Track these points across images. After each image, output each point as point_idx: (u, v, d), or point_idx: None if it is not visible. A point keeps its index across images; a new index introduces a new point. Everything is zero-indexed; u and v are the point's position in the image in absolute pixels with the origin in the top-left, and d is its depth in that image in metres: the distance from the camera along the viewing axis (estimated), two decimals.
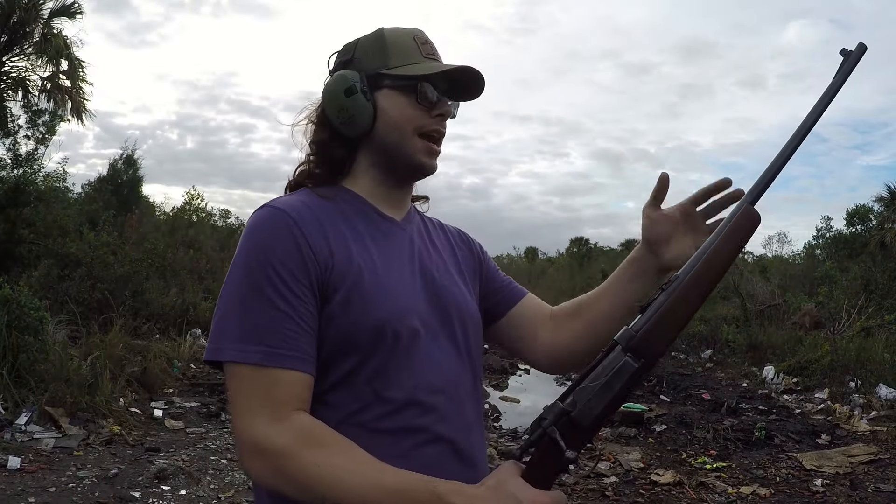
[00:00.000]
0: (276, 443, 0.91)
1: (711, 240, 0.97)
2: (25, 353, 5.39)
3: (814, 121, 0.98)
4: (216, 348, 0.98)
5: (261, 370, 0.94)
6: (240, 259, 0.99)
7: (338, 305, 0.99)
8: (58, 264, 9.27)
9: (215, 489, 4.36)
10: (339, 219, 1.07)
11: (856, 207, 17.64)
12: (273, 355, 0.94)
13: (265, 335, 0.95)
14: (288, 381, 0.95)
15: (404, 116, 1.08)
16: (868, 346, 9.07)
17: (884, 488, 4.92)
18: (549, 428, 0.90)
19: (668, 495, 4.72)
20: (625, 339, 0.92)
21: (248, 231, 1.02)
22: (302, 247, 0.99)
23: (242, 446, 0.94)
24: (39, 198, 10.98)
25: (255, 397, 0.94)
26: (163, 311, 9.16)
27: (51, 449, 4.70)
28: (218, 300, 1.01)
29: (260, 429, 0.92)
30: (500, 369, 10.04)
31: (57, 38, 11.11)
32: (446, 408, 1.04)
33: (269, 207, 1.03)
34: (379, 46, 1.10)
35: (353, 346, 0.99)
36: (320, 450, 0.91)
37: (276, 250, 0.98)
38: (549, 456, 0.91)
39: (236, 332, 0.96)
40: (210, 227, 17.73)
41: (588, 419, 0.89)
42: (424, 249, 1.16)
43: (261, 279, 0.96)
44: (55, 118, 11.63)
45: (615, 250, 33.07)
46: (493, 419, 6.98)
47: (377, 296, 1.01)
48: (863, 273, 13.16)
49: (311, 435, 0.93)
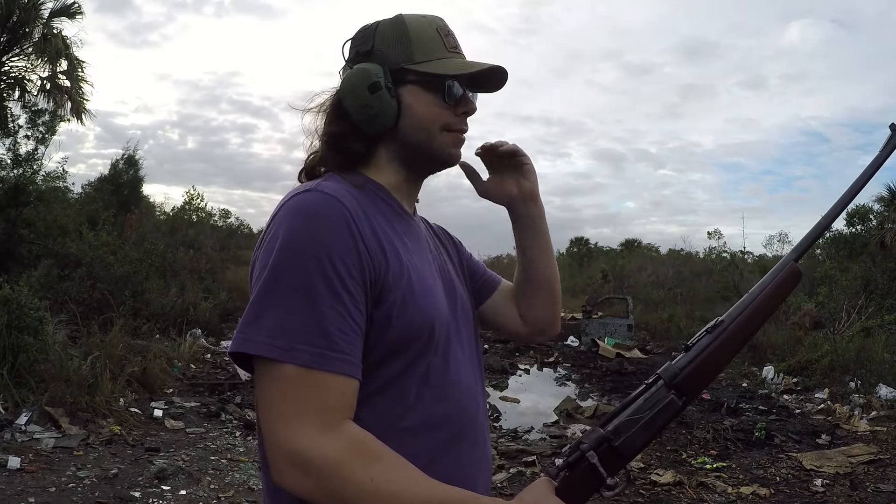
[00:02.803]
0: (328, 454, 0.85)
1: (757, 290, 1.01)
2: (25, 353, 5.40)
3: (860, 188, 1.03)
4: (249, 340, 0.88)
5: (308, 372, 0.87)
6: (288, 245, 0.90)
7: (394, 307, 0.94)
8: (58, 264, 9.28)
9: (215, 489, 4.36)
10: (378, 213, 1.01)
11: (856, 207, 17.63)
12: (323, 357, 0.87)
13: (315, 335, 0.87)
14: (338, 386, 0.88)
15: (432, 114, 1.04)
16: (868, 346, 9.07)
17: (884, 488, 4.91)
18: (588, 453, 0.93)
19: (668, 495, 4.72)
20: (669, 377, 0.96)
21: (299, 215, 0.92)
22: (357, 242, 0.92)
23: (281, 456, 0.86)
24: (39, 198, 10.99)
25: (301, 402, 0.86)
26: (163, 311, 9.16)
27: (51, 449, 4.70)
28: (254, 285, 0.92)
29: (307, 438, 0.85)
30: (500, 369, 10.04)
31: (56, 38, 11.10)
32: (466, 402, 1.06)
33: (319, 193, 0.95)
34: (401, 37, 1.04)
35: (406, 348, 0.96)
36: (375, 463, 0.87)
37: (334, 242, 0.91)
38: (586, 479, 0.94)
39: (279, 326, 0.88)
40: (210, 227, 17.77)
41: (631, 451, 0.94)
42: (434, 246, 1.15)
43: (313, 271, 0.89)
44: (55, 118, 11.63)
45: (615, 250, 33.10)
46: (493, 419, 6.97)
47: (424, 296, 0.99)
48: (863, 273, 13.17)
49: (365, 447, 0.88)
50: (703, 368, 0.95)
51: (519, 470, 5.15)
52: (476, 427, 1.06)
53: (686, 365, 0.96)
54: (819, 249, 19.46)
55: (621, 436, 0.93)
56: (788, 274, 1.01)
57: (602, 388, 9.06)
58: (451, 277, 1.14)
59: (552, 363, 11.14)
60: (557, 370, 10.70)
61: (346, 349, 0.89)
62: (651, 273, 22.18)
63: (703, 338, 0.98)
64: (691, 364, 0.96)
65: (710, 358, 0.96)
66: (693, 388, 0.95)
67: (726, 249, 23.08)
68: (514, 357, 11.36)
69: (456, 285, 1.14)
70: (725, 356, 0.97)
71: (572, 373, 10.36)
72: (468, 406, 1.05)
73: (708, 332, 0.98)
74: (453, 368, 1.03)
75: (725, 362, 0.98)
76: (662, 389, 0.95)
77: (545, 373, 10.56)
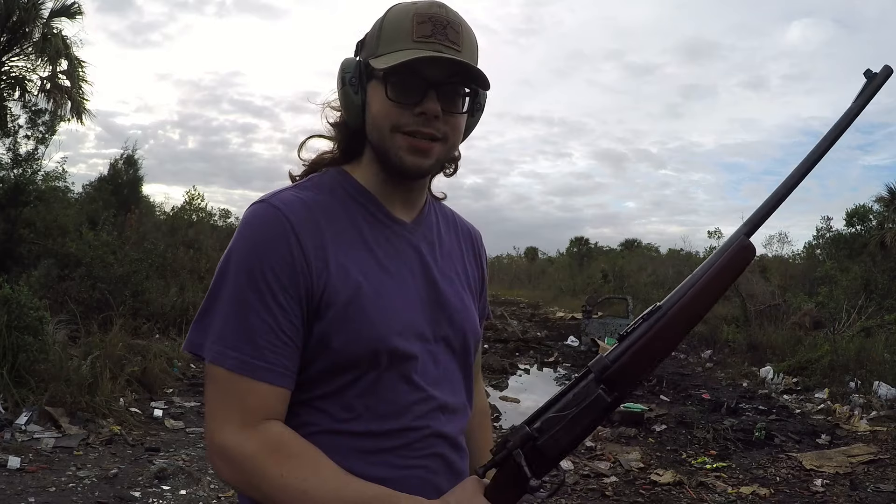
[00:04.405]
0: (243, 450, 0.91)
1: (701, 271, 0.89)
2: (25, 353, 5.39)
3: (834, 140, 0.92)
4: (198, 343, 0.96)
5: (234, 376, 0.92)
6: (231, 255, 0.95)
7: (331, 324, 0.94)
8: (58, 264, 9.28)
9: (215, 489, 4.36)
10: (343, 218, 1.00)
11: (855, 208, 17.65)
12: (247, 365, 0.92)
13: (243, 342, 0.92)
14: (260, 392, 0.93)
15: (381, 113, 0.98)
16: (868, 346, 9.07)
17: (884, 488, 4.91)
18: (514, 451, 0.89)
19: (668, 495, 4.72)
20: (599, 370, 0.87)
21: (242, 227, 0.96)
22: (295, 255, 0.93)
23: (211, 447, 0.94)
24: (39, 198, 10.99)
25: (227, 402, 0.93)
26: (163, 311, 9.15)
27: (51, 449, 4.70)
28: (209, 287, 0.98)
29: (228, 434, 0.92)
30: (501, 369, 10.04)
31: (56, 38, 11.10)
32: (437, 421, 1.02)
33: (265, 204, 0.97)
34: (377, 28, 1.00)
35: (346, 366, 0.96)
36: (286, 460, 0.90)
37: (268, 255, 0.93)
38: (512, 478, 0.89)
39: (217, 330, 0.94)
40: (210, 227, 17.76)
41: (554, 451, 0.88)
42: (432, 256, 1.08)
43: (246, 283, 0.93)
44: (55, 118, 11.63)
45: (615, 250, 33.13)
46: (493, 419, 6.97)
47: (374, 314, 0.96)
48: (863, 273, 13.17)
49: (279, 444, 0.92)
50: (637, 360, 0.86)
51: None
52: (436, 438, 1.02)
53: (618, 357, 0.87)
54: (819, 249, 19.47)
55: (544, 434, 0.87)
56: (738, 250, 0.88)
57: None
58: (447, 290, 1.07)
59: (552, 363, 11.14)
60: (557, 370, 10.70)
61: (271, 359, 0.93)
62: (651, 273, 22.19)
63: (639, 326, 0.88)
64: (624, 355, 0.86)
65: (645, 348, 0.86)
66: (625, 381, 0.86)
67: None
68: (514, 357, 11.36)
69: (453, 299, 1.08)
70: (664, 345, 0.86)
71: (572, 373, 10.35)
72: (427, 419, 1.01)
73: (644, 320, 0.88)
74: (415, 384, 1.00)
75: (664, 352, 0.87)
76: (592, 384, 0.87)
77: (545, 373, 10.56)
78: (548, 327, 16.50)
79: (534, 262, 42.47)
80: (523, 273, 39.37)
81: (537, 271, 37.72)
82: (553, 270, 33.39)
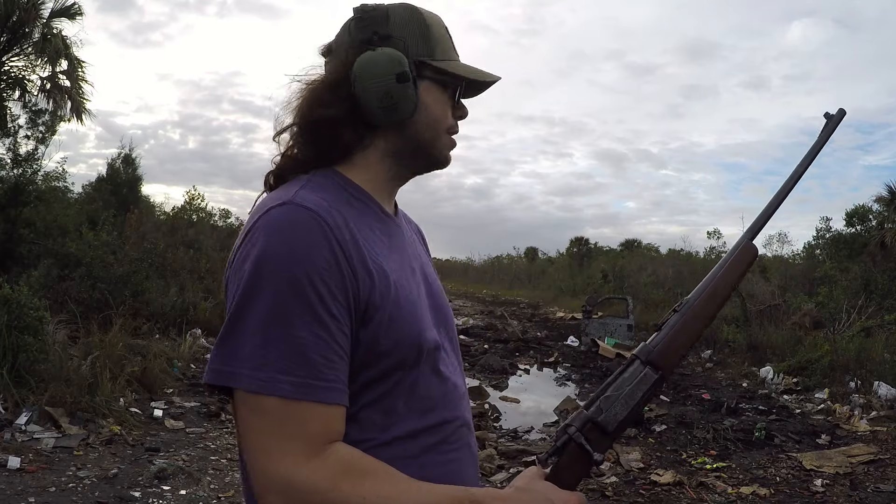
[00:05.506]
0: (315, 481, 0.83)
1: (717, 270, 1.08)
2: (25, 353, 5.39)
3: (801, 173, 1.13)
4: (227, 371, 0.85)
5: (290, 403, 0.83)
6: (264, 267, 0.85)
7: (378, 327, 0.90)
8: (58, 264, 9.27)
9: (215, 489, 4.36)
10: (362, 221, 0.96)
11: (855, 208, 17.64)
12: (305, 387, 0.84)
13: (295, 363, 0.83)
14: (323, 414, 0.85)
15: (443, 115, 1.03)
16: (868, 346, 9.07)
17: (884, 488, 4.91)
18: (574, 434, 0.97)
19: (668, 495, 4.72)
20: (644, 354, 1.02)
21: (275, 234, 0.87)
22: (339, 259, 0.87)
23: (270, 488, 0.84)
24: (39, 198, 10.99)
25: (285, 432, 0.83)
26: (163, 311, 9.14)
27: (51, 449, 4.70)
28: (229, 310, 0.87)
29: (293, 467, 0.83)
30: (500, 369, 10.04)
31: (56, 38, 11.10)
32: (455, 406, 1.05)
33: (294, 206, 0.89)
34: (422, 31, 1.01)
35: (394, 368, 0.94)
36: (362, 481, 0.85)
37: (312, 261, 0.85)
38: (575, 460, 0.99)
39: (257, 355, 0.83)
40: (210, 227, 17.75)
41: (613, 424, 0.98)
42: (413, 249, 1.10)
43: (290, 294, 0.84)
44: (55, 118, 11.63)
45: (615, 250, 33.11)
46: (493, 419, 6.97)
47: (410, 311, 0.96)
48: (863, 273, 13.17)
49: (350, 467, 0.86)
50: (674, 343, 1.03)
51: (519, 470, 5.15)
52: (465, 428, 1.06)
53: (659, 342, 1.02)
54: (819, 250, 19.47)
55: (603, 412, 0.98)
56: (744, 252, 1.09)
57: None
58: (433, 278, 1.11)
59: (552, 363, 11.13)
60: (557, 370, 10.70)
61: (329, 376, 0.86)
62: (651, 273, 22.18)
63: (671, 317, 1.05)
64: (663, 341, 1.02)
65: (679, 333, 1.03)
66: (667, 361, 1.02)
67: (726, 249, 23.09)
68: (514, 357, 11.35)
69: (439, 289, 1.12)
70: (694, 331, 1.05)
71: (572, 373, 10.36)
72: (457, 409, 1.04)
73: (675, 311, 1.05)
74: (443, 375, 1.02)
75: (695, 337, 1.05)
76: (639, 366, 1.01)
77: (545, 373, 10.56)
78: (548, 327, 16.51)
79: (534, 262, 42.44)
80: (523, 273, 39.38)
81: (537, 271, 37.72)
82: (553, 270, 33.39)
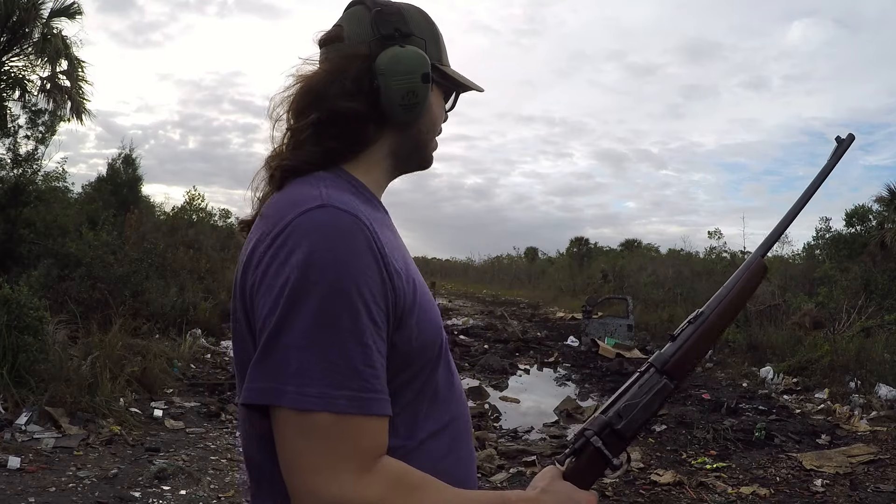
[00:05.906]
0: (369, 498, 0.80)
1: (731, 284, 1.12)
2: (25, 353, 5.40)
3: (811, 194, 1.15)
4: (271, 389, 0.80)
5: (343, 418, 0.79)
6: (309, 275, 0.80)
7: (411, 330, 0.89)
8: (58, 264, 9.27)
9: (215, 489, 4.36)
10: (380, 222, 0.93)
11: (855, 208, 17.65)
12: (358, 401, 0.80)
13: (348, 377, 0.80)
14: (373, 428, 0.82)
15: (440, 117, 1.07)
16: (868, 346, 9.07)
17: (884, 488, 4.91)
18: (592, 438, 1.01)
19: (668, 495, 4.72)
20: (659, 363, 1.06)
21: (321, 239, 0.82)
22: (381, 267, 0.84)
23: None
24: (39, 198, 11.00)
25: (337, 449, 0.80)
26: (163, 311, 9.15)
27: (51, 449, 4.70)
28: (266, 321, 0.82)
29: (347, 486, 0.80)
30: (500, 369, 10.04)
31: (56, 38, 11.10)
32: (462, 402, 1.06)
33: (340, 211, 0.85)
34: (434, 34, 1.04)
35: (423, 368, 0.94)
36: (412, 494, 0.84)
37: (361, 270, 0.82)
38: (592, 463, 1.02)
39: (305, 370, 0.79)
40: (210, 227, 17.77)
41: (631, 431, 1.02)
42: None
43: (342, 305, 0.80)
44: (55, 118, 11.63)
45: (615, 250, 33.11)
46: (493, 419, 6.97)
47: (430, 309, 0.95)
48: (863, 273, 13.17)
49: (402, 480, 0.84)
50: (689, 354, 1.06)
51: (519, 470, 5.15)
52: (469, 423, 1.08)
53: (674, 352, 1.06)
54: (819, 250, 19.47)
55: (622, 419, 1.01)
56: (756, 268, 1.13)
57: (602, 388, 9.06)
58: None
59: (552, 363, 11.13)
60: (557, 370, 10.70)
61: (378, 386, 0.83)
62: (651, 273, 22.17)
63: (686, 328, 1.08)
64: (679, 351, 1.06)
65: (694, 345, 1.07)
66: (682, 372, 1.06)
67: (727, 249, 23.09)
68: (514, 357, 11.36)
69: None
70: (707, 342, 1.09)
71: (572, 373, 10.36)
72: (462, 403, 1.06)
73: (690, 323, 1.08)
74: (451, 369, 1.03)
75: (708, 348, 1.11)
76: (655, 375, 1.04)
77: (545, 373, 10.56)
78: (548, 327, 16.51)
79: (534, 262, 42.44)
80: (523, 273, 39.38)
81: (537, 271, 37.72)
82: (553, 270, 33.38)
